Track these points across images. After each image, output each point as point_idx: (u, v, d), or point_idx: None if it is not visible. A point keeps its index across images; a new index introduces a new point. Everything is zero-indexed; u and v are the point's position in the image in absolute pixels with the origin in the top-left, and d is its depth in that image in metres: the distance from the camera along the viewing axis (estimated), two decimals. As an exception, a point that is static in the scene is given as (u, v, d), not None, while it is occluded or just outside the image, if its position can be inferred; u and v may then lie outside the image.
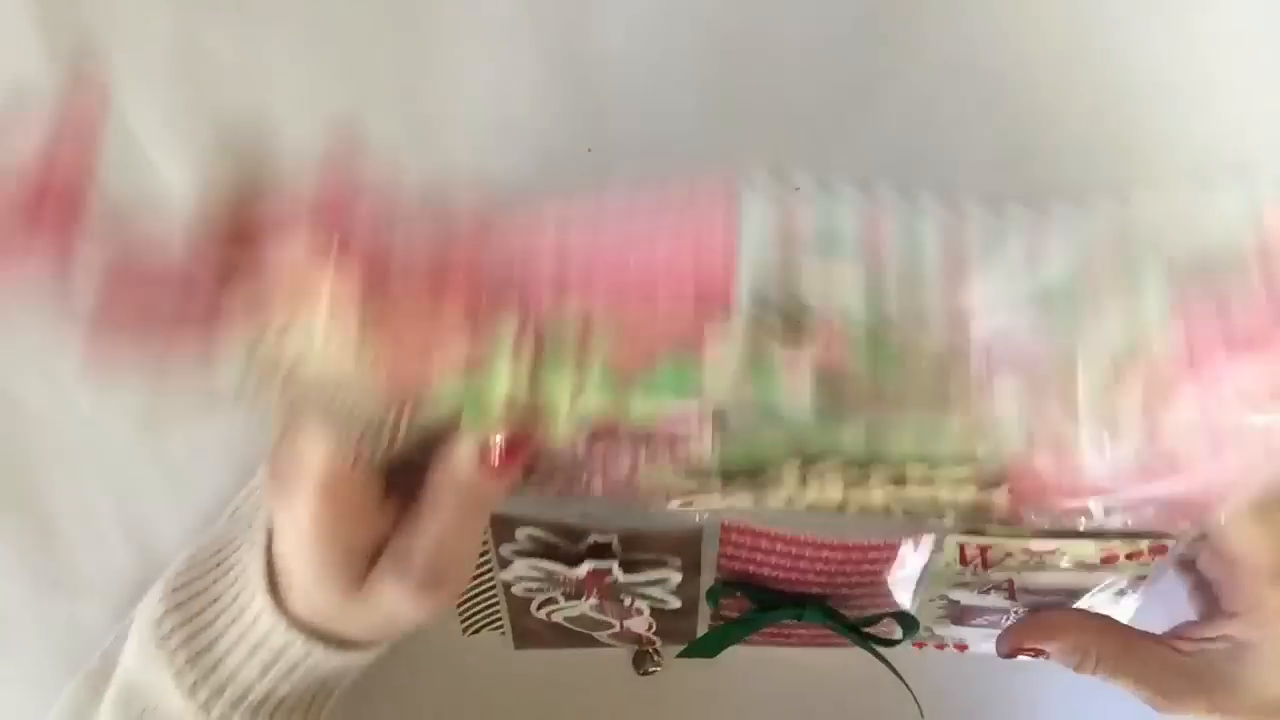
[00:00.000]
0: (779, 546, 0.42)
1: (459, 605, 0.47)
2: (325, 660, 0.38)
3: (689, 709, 0.52)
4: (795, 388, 0.28)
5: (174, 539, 0.43)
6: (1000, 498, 0.36)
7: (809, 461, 0.34)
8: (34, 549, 0.44)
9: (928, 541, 0.41)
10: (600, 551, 0.42)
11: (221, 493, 0.43)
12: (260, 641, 0.37)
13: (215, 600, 0.38)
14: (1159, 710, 0.41)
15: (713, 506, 0.37)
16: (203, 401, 0.30)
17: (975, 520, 0.39)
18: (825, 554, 0.42)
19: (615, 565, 0.42)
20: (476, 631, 0.49)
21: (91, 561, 0.44)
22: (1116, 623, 0.43)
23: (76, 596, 0.44)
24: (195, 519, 0.43)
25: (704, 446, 0.32)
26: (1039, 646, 0.44)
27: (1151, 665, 0.41)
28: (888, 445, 0.33)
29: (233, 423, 0.42)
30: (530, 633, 0.48)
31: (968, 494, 0.36)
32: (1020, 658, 0.46)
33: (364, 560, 0.35)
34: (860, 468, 0.34)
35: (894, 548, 0.42)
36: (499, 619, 0.48)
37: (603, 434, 0.33)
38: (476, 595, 0.47)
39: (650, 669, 0.50)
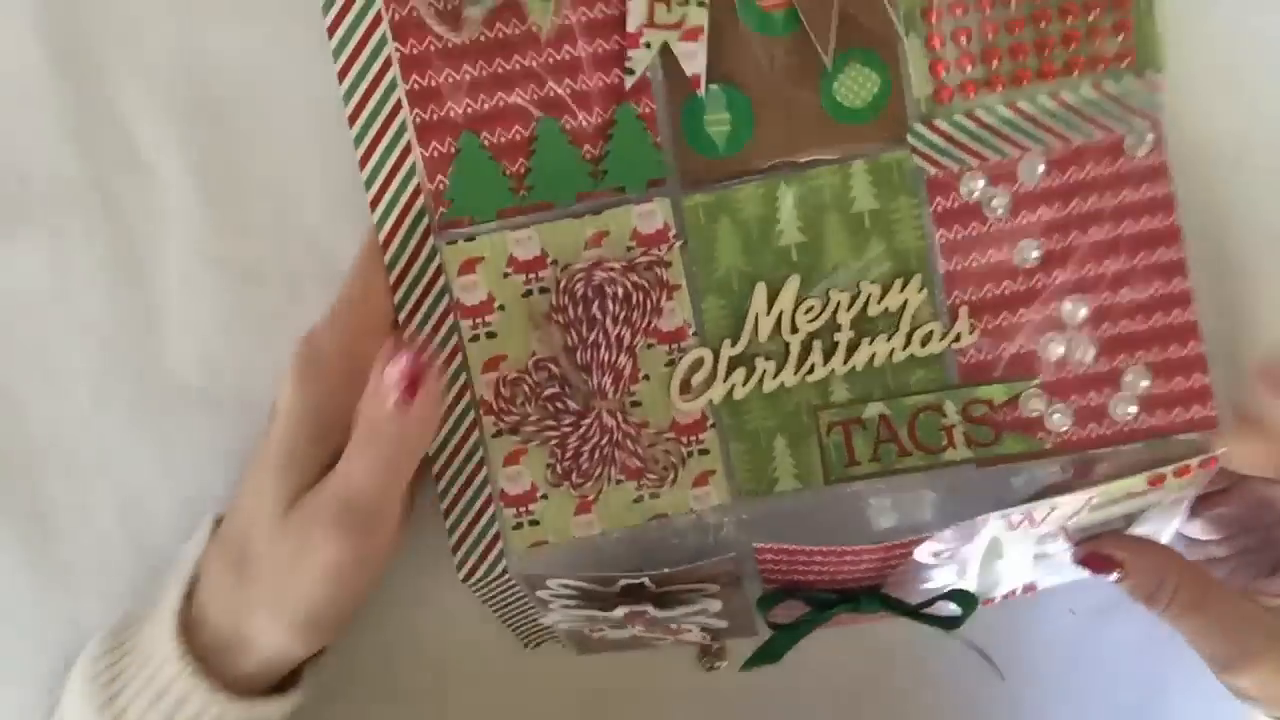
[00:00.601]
0: (817, 559, 0.41)
1: (514, 628, 0.46)
2: (224, 714, 0.37)
3: (756, 697, 0.50)
4: None
5: (174, 539, 0.43)
6: (964, 327, 0.41)
7: (774, 290, 0.40)
8: (34, 548, 0.44)
9: (969, 530, 0.40)
10: (633, 594, 0.40)
11: (221, 493, 0.43)
12: (163, 690, 0.37)
13: (134, 648, 0.38)
14: (1225, 668, 0.39)
15: (716, 395, 0.41)
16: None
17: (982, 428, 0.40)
18: (865, 556, 0.41)
19: (650, 607, 0.40)
20: (538, 645, 0.48)
21: (91, 561, 0.44)
22: (1202, 567, 0.41)
23: (76, 596, 0.44)
24: (195, 519, 0.43)
25: (676, 268, 0.40)
26: (1116, 557, 0.41)
27: (1232, 615, 0.40)
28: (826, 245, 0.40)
29: (232, 423, 0.43)
30: (590, 644, 0.46)
31: (937, 340, 0.41)
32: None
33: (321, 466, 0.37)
34: (824, 301, 0.40)
35: (929, 540, 0.40)
36: (556, 636, 0.47)
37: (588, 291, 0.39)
38: (527, 618, 0.46)
39: (716, 664, 0.48)
